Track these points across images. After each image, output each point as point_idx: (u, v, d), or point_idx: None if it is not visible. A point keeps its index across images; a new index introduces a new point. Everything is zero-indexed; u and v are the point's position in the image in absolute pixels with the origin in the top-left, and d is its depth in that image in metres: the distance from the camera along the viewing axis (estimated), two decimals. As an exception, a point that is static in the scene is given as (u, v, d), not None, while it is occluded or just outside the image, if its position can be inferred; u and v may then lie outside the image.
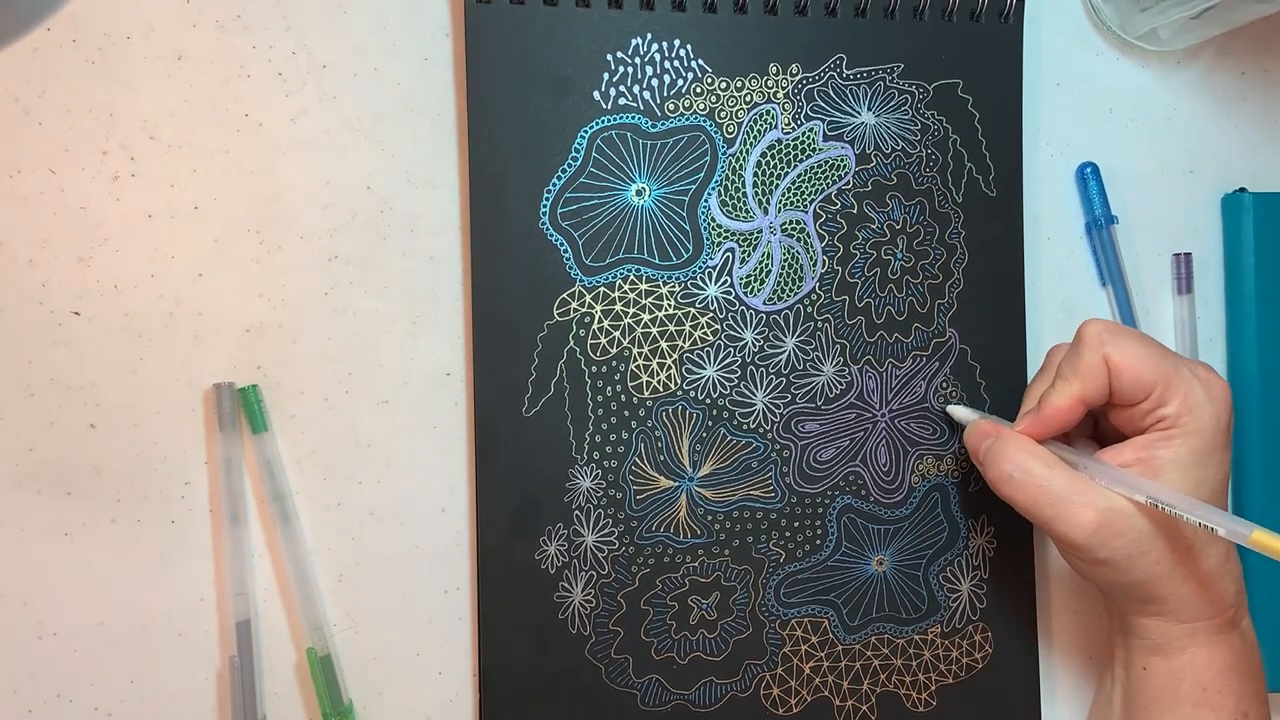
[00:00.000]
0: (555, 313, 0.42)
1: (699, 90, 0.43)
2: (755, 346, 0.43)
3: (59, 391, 0.40)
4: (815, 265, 0.44)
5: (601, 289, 0.42)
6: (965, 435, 0.42)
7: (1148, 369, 0.37)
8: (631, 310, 0.42)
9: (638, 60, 0.42)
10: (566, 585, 0.42)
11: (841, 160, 0.44)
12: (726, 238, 0.43)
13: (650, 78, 0.42)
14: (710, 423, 0.43)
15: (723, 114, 0.43)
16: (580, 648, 0.42)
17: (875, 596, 0.44)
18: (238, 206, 0.42)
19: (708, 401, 0.43)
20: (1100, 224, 0.46)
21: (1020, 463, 0.38)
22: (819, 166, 0.44)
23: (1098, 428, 0.42)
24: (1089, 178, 0.46)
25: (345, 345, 0.42)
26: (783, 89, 0.43)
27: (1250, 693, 0.39)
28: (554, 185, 0.42)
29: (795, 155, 0.43)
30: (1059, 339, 0.47)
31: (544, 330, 0.42)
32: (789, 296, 0.43)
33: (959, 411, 0.44)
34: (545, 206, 0.42)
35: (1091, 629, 0.47)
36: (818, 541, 0.44)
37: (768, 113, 0.43)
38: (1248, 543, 0.33)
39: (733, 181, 0.43)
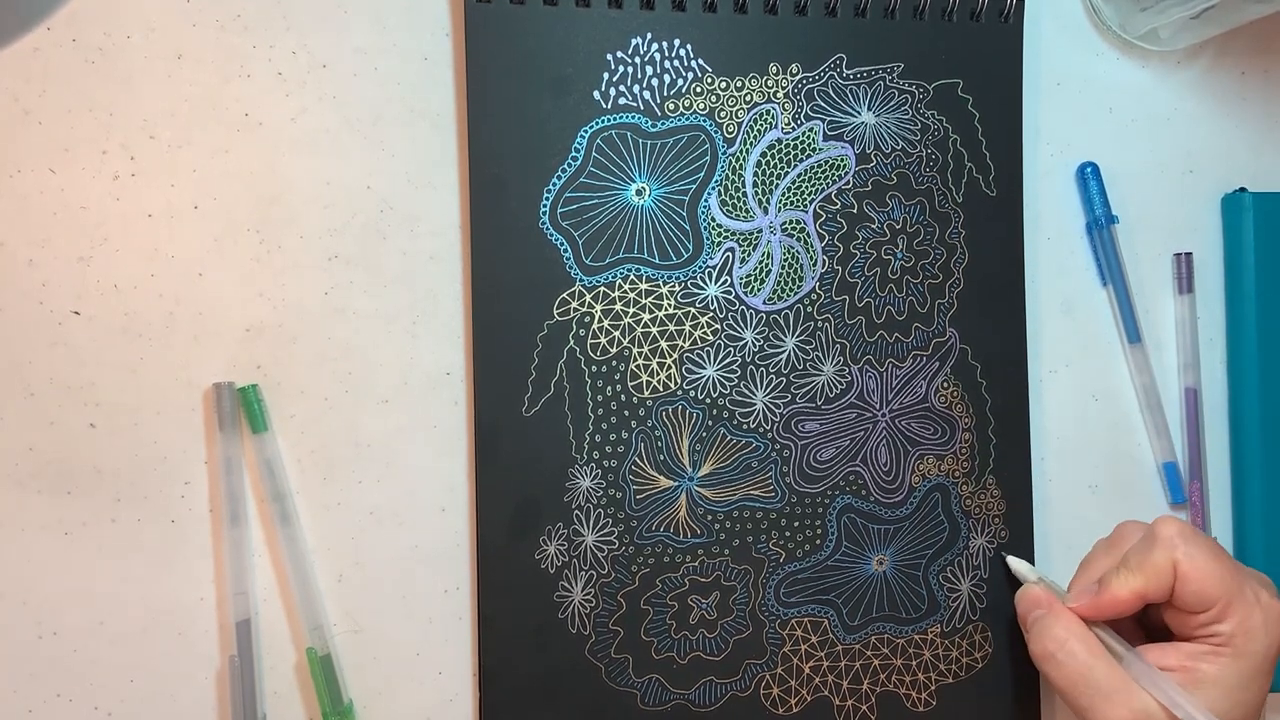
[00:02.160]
0: (555, 312, 0.42)
1: (699, 90, 0.43)
2: (755, 346, 0.43)
3: (59, 391, 0.40)
4: (815, 265, 0.44)
5: (601, 289, 0.42)
6: (1017, 598, 0.42)
7: (1214, 584, 0.37)
8: (631, 310, 0.42)
9: (638, 60, 0.42)
10: (566, 585, 0.42)
11: (841, 160, 0.44)
12: (726, 237, 0.43)
13: (650, 77, 0.42)
14: (710, 422, 0.43)
15: (723, 114, 0.43)
16: (580, 647, 0.42)
17: (875, 596, 0.44)
18: (238, 206, 0.42)
19: (708, 401, 0.43)
20: (1101, 224, 0.46)
21: (1065, 645, 0.38)
22: (819, 166, 0.44)
23: (1146, 613, 0.42)
24: (1089, 178, 0.46)
25: (345, 345, 0.42)
26: (783, 89, 0.43)
27: None
28: (554, 185, 0.42)
29: (795, 155, 0.43)
30: (1059, 339, 0.47)
31: (544, 330, 0.42)
32: (789, 296, 0.43)
33: (1017, 565, 0.44)
34: (545, 206, 0.42)
35: (1091, 629, 0.47)
36: (818, 541, 0.44)
37: (768, 112, 0.43)
38: None
39: (733, 181, 0.43)
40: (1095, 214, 0.46)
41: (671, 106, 0.43)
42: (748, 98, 0.43)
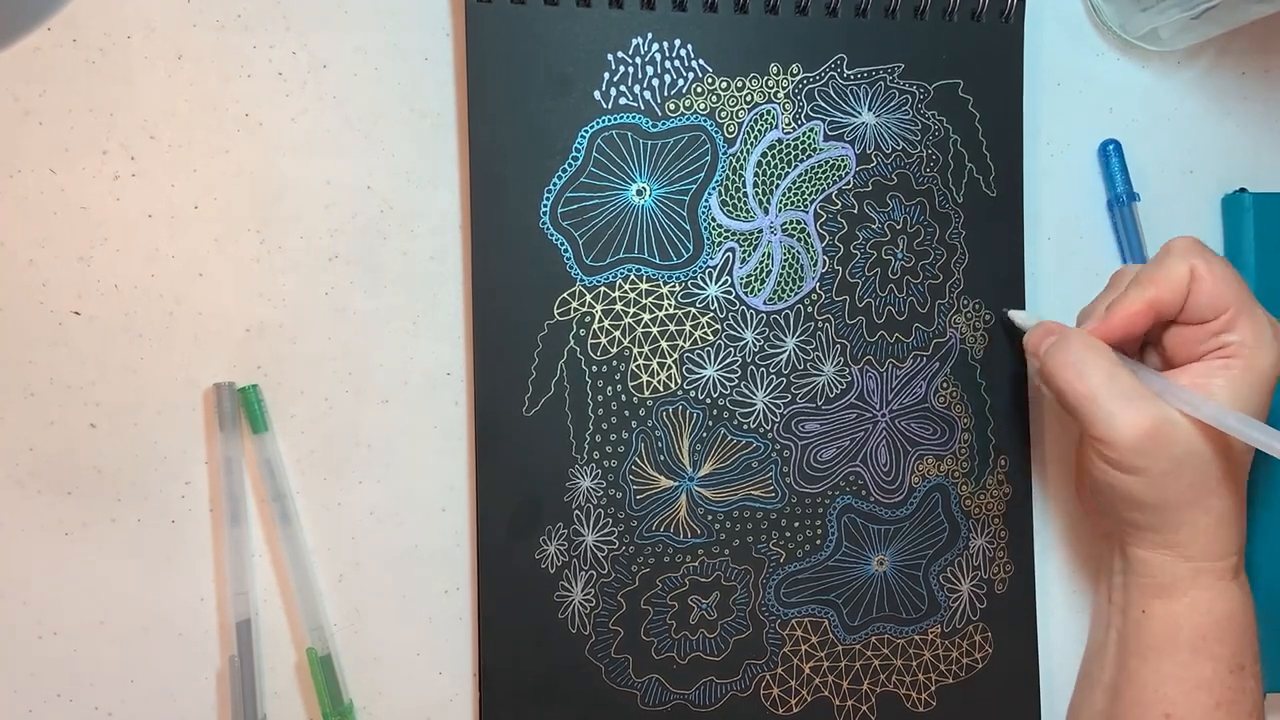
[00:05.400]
0: (555, 312, 0.42)
1: (699, 90, 0.43)
2: (755, 346, 0.43)
3: (59, 391, 0.40)
4: (816, 265, 0.44)
5: (602, 289, 0.42)
6: (1027, 336, 0.42)
7: (1228, 289, 0.37)
8: (632, 310, 0.42)
9: (638, 60, 0.42)
10: (566, 585, 0.42)
11: (842, 160, 0.44)
12: (727, 237, 0.43)
13: (651, 77, 0.42)
14: (710, 422, 0.43)
15: (723, 114, 0.43)
16: (580, 647, 0.42)
17: (875, 596, 0.44)
18: (238, 206, 0.42)
19: (708, 401, 0.43)
20: (1122, 201, 0.46)
21: (1084, 356, 0.38)
22: (819, 166, 0.44)
23: (1150, 351, 0.42)
24: (1111, 154, 0.46)
25: (345, 345, 0.42)
26: (783, 89, 0.43)
27: (1247, 645, 0.39)
28: (554, 185, 0.42)
29: (796, 155, 0.43)
30: (1059, 339, 0.47)
31: (544, 330, 0.42)
32: (789, 296, 0.43)
33: (1019, 316, 0.44)
34: (545, 206, 0.42)
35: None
36: (818, 541, 0.44)
37: (768, 112, 0.43)
38: None
39: (733, 181, 0.43)
40: (1116, 191, 0.46)
41: (672, 106, 0.43)
42: (748, 98, 0.43)
